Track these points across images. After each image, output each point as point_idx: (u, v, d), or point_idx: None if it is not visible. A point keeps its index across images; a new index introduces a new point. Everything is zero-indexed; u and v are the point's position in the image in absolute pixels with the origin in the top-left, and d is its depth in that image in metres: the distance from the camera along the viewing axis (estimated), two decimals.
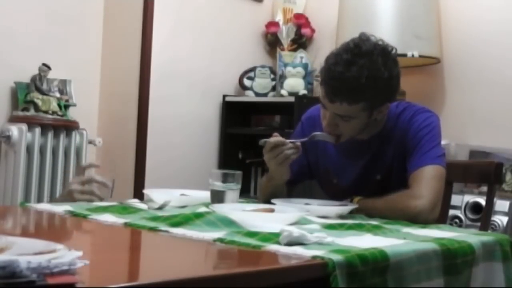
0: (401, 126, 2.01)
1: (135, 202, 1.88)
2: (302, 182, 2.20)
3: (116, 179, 1.96)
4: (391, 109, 2.04)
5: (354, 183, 2.06)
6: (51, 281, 0.83)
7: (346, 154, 2.08)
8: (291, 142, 1.92)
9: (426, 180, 1.89)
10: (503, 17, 3.40)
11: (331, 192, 2.12)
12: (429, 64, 3.54)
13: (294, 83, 3.68)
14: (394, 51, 1.93)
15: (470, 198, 3.06)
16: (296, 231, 1.28)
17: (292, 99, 3.56)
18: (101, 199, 1.90)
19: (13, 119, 3.17)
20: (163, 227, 1.43)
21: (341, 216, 1.77)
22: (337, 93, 1.86)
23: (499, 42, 3.39)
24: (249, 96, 3.81)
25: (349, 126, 1.93)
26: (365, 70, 1.83)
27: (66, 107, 3.28)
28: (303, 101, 3.49)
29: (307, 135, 2.06)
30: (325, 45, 3.69)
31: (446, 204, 2.11)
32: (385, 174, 2.02)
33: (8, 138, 3.09)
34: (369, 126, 1.98)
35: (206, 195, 1.87)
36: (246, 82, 3.83)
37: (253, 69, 3.84)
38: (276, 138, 1.92)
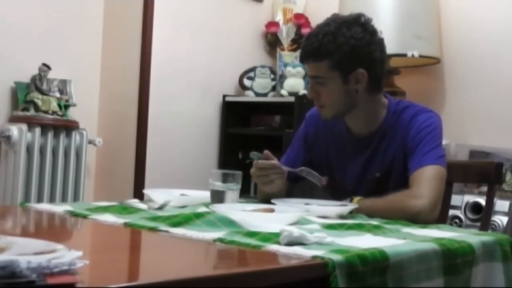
0: (402, 125, 2.02)
1: (135, 202, 1.88)
2: (304, 179, 2.20)
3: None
4: (391, 105, 2.05)
5: (355, 180, 2.07)
6: (51, 281, 0.83)
7: (347, 151, 2.09)
8: (278, 167, 1.96)
9: (427, 180, 1.89)
10: (503, 17, 3.40)
11: (333, 188, 2.12)
12: (429, 64, 3.54)
13: (294, 83, 3.68)
14: (364, 19, 2.02)
15: (470, 198, 3.06)
16: (296, 231, 1.28)
17: (292, 99, 3.56)
18: None
19: (13, 119, 3.17)
20: (163, 227, 1.43)
21: (341, 216, 1.77)
22: (304, 52, 2.01)
23: (499, 42, 3.39)
24: (249, 96, 3.81)
25: (327, 92, 1.98)
26: (326, 28, 1.98)
27: (66, 107, 3.28)
28: (303, 101, 3.48)
29: (309, 132, 2.16)
30: None
31: (446, 204, 2.11)
32: (384, 172, 2.03)
33: (8, 138, 3.09)
34: (352, 99, 2.00)
35: (206, 195, 1.87)
36: (246, 82, 3.83)
37: (253, 69, 3.84)
38: (264, 162, 1.95)
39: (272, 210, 1.66)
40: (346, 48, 1.94)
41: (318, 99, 2.01)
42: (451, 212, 2.76)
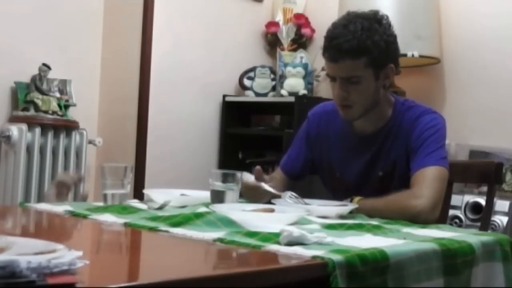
0: (406, 125, 2.02)
1: (135, 202, 1.88)
2: (305, 178, 2.20)
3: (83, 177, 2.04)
4: (396, 105, 2.05)
5: (357, 179, 2.06)
6: (51, 281, 0.83)
7: (350, 149, 2.09)
8: (269, 188, 1.89)
9: (428, 180, 1.89)
10: (503, 18, 3.39)
11: (334, 187, 2.12)
12: (429, 64, 3.54)
13: (294, 83, 3.67)
14: (385, 16, 2.01)
15: (470, 198, 3.06)
16: (296, 231, 1.28)
17: (292, 99, 3.55)
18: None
19: (13, 119, 3.17)
20: (163, 227, 1.43)
21: (341, 216, 1.77)
22: (339, 50, 1.92)
23: (499, 41, 3.39)
24: (249, 96, 3.81)
25: (359, 91, 1.95)
26: (360, 25, 1.93)
27: (66, 107, 3.28)
28: (303, 101, 3.49)
29: (312, 130, 2.15)
30: None
31: (446, 204, 2.11)
32: (387, 171, 2.03)
33: (8, 138, 3.09)
34: (377, 96, 1.98)
35: (206, 195, 1.87)
36: (246, 82, 3.83)
37: (253, 69, 3.84)
38: (254, 183, 1.89)
39: (272, 210, 1.66)
40: (381, 44, 1.94)
41: (348, 98, 1.96)
42: (451, 212, 2.76)
